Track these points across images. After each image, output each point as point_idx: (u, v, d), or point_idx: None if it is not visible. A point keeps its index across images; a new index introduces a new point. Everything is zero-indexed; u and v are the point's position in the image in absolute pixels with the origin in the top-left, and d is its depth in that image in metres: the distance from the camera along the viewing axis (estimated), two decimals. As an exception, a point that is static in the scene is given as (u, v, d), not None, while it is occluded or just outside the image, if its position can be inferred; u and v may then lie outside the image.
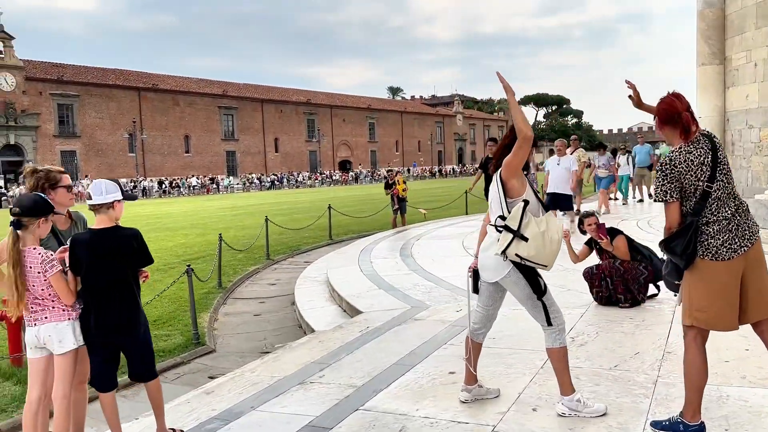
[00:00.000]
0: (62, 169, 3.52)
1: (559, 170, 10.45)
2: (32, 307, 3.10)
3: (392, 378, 4.27)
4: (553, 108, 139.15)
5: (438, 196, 28.08)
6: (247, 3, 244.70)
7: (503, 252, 3.36)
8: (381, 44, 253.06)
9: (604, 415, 3.41)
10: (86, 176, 54.44)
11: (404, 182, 15.45)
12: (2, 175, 50.25)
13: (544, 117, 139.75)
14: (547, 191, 10.47)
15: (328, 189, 57.03)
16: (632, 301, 5.69)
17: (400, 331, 5.49)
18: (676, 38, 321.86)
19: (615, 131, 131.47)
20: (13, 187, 48.75)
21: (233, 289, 9.68)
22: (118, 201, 3.26)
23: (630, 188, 17.68)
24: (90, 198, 3.20)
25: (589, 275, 5.93)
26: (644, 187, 17.22)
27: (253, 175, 66.51)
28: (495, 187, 3.52)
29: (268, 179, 65.24)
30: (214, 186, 59.69)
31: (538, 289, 3.46)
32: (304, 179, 68.34)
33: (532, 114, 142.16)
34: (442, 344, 4.97)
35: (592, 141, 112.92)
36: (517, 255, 3.35)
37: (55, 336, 3.10)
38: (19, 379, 5.41)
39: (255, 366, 4.94)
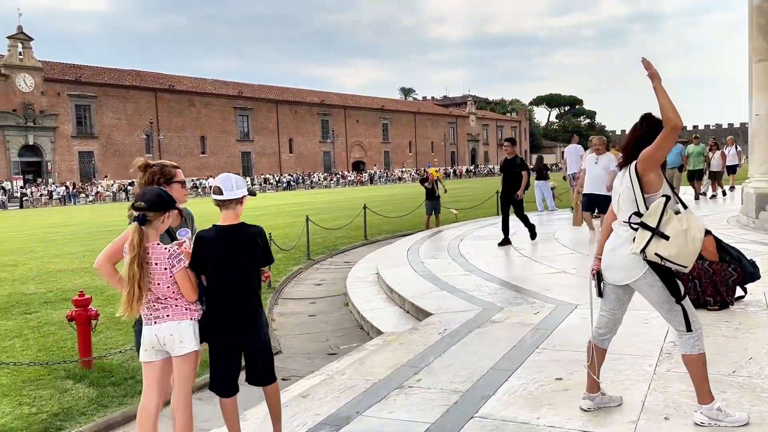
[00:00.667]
0: (176, 164, 3.38)
1: (596, 170, 9.69)
2: (153, 305, 2.95)
3: (496, 384, 4.09)
4: (566, 108, 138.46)
5: (461, 197, 27.86)
6: (257, 4, 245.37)
7: (642, 251, 3.17)
8: (391, 45, 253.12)
9: (747, 424, 3.22)
10: (105, 177, 54.71)
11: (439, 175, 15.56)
12: (21, 176, 50.48)
13: (556, 117, 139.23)
14: (584, 192, 9.87)
15: (344, 190, 56.98)
16: (721, 303, 5.48)
17: (482, 335, 5.31)
18: (687, 38, 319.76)
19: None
20: (32, 187, 49.02)
21: (281, 289, 9.54)
22: (245, 197, 3.12)
23: None
24: (220, 192, 3.05)
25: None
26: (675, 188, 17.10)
27: (270, 176, 66.59)
28: (626, 181, 3.33)
29: (285, 180, 65.27)
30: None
31: (677, 291, 3.26)
32: (319, 180, 68.31)
33: (544, 114, 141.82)
34: (533, 349, 4.79)
35: (607, 141, 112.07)
36: (657, 255, 3.16)
37: (177, 335, 2.94)
38: (92, 381, 5.29)
39: (342, 368, 4.78)
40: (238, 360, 3.16)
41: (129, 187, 52.44)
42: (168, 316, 2.94)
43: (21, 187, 47.90)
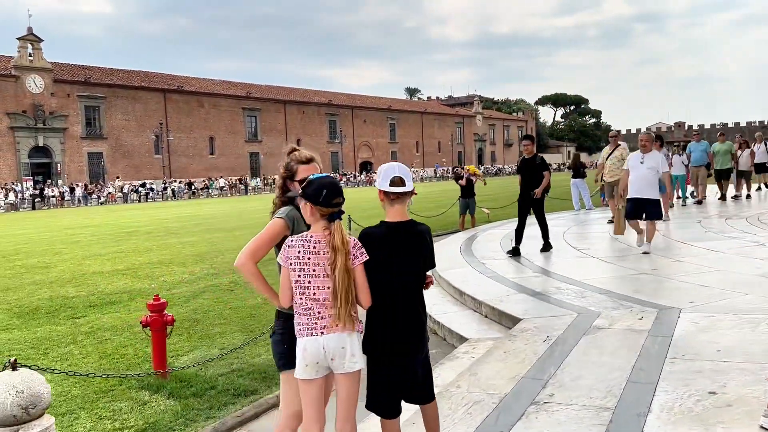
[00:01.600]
0: (311, 157, 2.99)
1: (642, 170, 8.57)
2: (318, 312, 2.55)
3: (644, 399, 3.68)
4: (572, 108, 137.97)
5: (484, 197, 27.41)
6: (260, 5, 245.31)
7: None
8: (396, 45, 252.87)
9: None
10: (117, 177, 54.45)
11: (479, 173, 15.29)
12: (31, 177, 50.18)
13: (562, 117, 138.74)
14: (629, 196, 8.66)
15: (356, 190, 56.58)
16: None
17: (595, 343, 4.90)
18: (693, 38, 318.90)
19: (633, 131, 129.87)
20: (49, 188, 48.68)
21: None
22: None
23: (686, 189, 16.81)
24: (402, 183, 2.67)
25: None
26: (701, 187, 16.30)
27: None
28: None
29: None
30: (242, 187, 59.46)
31: None
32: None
33: (550, 114, 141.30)
34: (662, 359, 4.37)
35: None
36: None
37: (348, 348, 2.54)
38: (171, 392, 4.88)
39: (453, 380, 4.36)
40: (404, 375, 2.76)
41: (140, 189, 52.14)
42: (337, 325, 2.53)
43: (33, 188, 47.57)
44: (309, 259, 2.53)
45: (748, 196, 17.27)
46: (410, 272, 2.69)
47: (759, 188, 18.70)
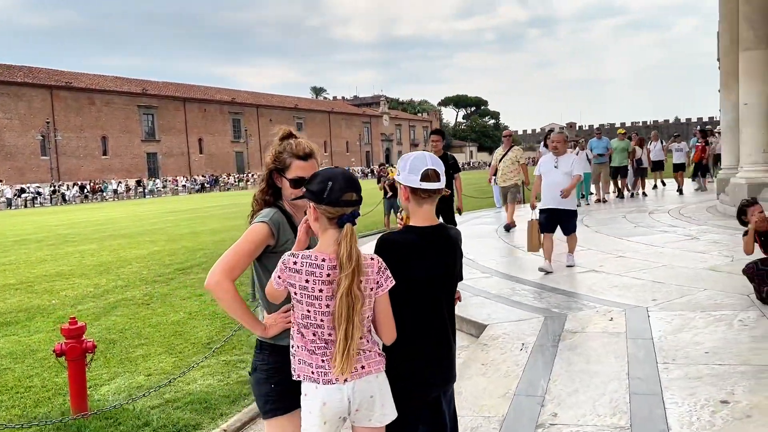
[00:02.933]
0: (309, 151, 2.37)
1: (557, 176, 7.13)
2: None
3: (657, 413, 3.34)
4: (472, 109, 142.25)
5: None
6: (159, 1, 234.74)
7: None
8: (300, 44, 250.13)
9: None
10: (1, 181, 49.79)
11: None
12: None
13: (463, 118, 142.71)
14: (542, 206, 7.30)
15: (262, 191, 54.88)
16: (815, 299, 5.04)
17: (575, 349, 4.55)
18: (581, 42, 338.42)
19: (529, 132, 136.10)
20: None
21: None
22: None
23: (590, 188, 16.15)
24: (436, 178, 2.10)
25: (755, 271, 5.24)
26: (604, 185, 15.96)
27: (183, 178, 63.43)
28: None
29: (198, 182, 62.27)
30: (140, 190, 56.15)
31: None
32: (235, 181, 65.76)
33: (452, 115, 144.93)
34: (653, 365, 4.08)
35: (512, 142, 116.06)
36: None
37: (378, 397, 1.95)
38: (94, 437, 4.05)
39: (438, 403, 3.86)
40: (434, 417, 2.21)
41: (24, 193, 47.96)
42: (363, 367, 1.94)
43: None
44: (321, 291, 1.91)
45: (645, 194, 17.24)
46: (444, 288, 2.15)
47: (655, 186, 19.17)
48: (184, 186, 61.07)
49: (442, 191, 2.16)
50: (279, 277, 1.97)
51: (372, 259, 1.97)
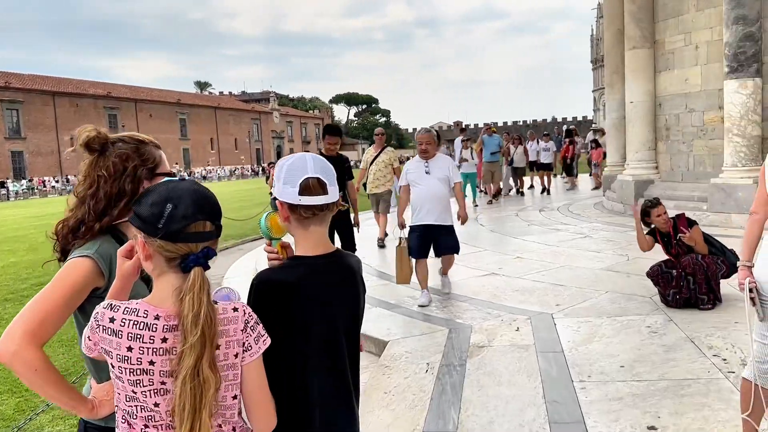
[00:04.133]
0: (155, 140, 1.71)
1: (431, 185, 5.74)
2: None
3: (583, 446, 2.96)
4: (363, 107, 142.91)
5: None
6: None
7: None
8: (182, 37, 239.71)
9: None
10: None
11: None
12: None
13: (355, 115, 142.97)
14: (415, 222, 5.81)
15: (143, 191, 51.67)
16: (714, 301, 4.97)
17: (485, 368, 4.14)
18: (465, 44, 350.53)
19: (412, 129, 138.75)
20: None
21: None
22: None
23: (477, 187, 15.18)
24: (323, 190, 1.51)
25: (660, 274, 5.10)
26: (494, 184, 15.12)
27: (53, 179, 58.43)
28: None
29: (71, 182, 57.55)
30: (3, 192, 51.04)
31: None
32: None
33: (344, 112, 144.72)
34: (568, 384, 3.74)
35: (401, 140, 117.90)
36: None
37: None
38: None
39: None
40: None
41: None
42: None
43: None
44: (152, 364, 1.27)
45: (522, 193, 16.98)
46: (348, 339, 1.58)
47: (531, 186, 18.49)
48: (53, 187, 56.28)
49: (335, 206, 1.58)
50: (89, 339, 1.31)
51: (236, 310, 1.35)
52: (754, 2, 8.17)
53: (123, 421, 1.33)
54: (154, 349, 1.25)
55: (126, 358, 1.25)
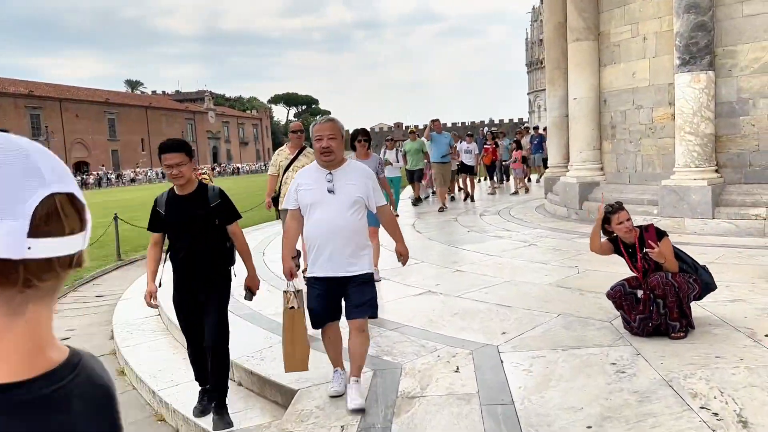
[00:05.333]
0: None
1: (335, 208, 3.62)
2: None
3: None
4: (303, 108, 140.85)
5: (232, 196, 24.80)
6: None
7: None
8: (114, 35, 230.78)
9: None
10: None
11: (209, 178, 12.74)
12: None
13: (294, 116, 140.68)
14: (312, 273, 3.71)
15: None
16: (687, 327, 4.19)
17: (415, 430, 3.19)
18: (406, 46, 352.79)
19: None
20: None
21: None
22: None
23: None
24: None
25: (623, 296, 4.29)
26: (443, 188, 13.23)
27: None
28: None
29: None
30: None
31: None
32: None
33: (283, 113, 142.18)
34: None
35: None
36: None
37: None
38: None
39: None
40: None
41: None
42: None
43: None
44: None
45: (453, 197, 15.48)
46: None
47: (460, 188, 16.46)
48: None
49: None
50: None
51: None
52: (706, -11, 7.59)
53: None
54: None
55: None
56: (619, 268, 4.78)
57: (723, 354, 3.83)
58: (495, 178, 17.93)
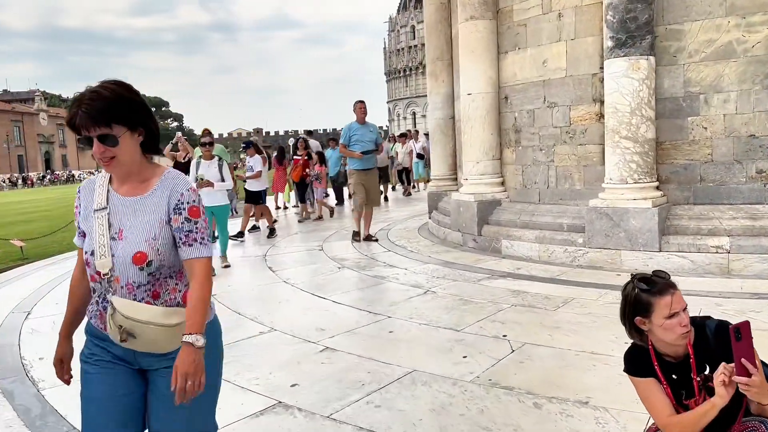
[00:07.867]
0: None
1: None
2: None
3: None
4: (153, 110, 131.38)
5: (35, 217, 20.43)
6: None
7: None
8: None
9: None
10: None
11: None
12: None
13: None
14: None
15: None
16: None
17: None
18: (263, 51, 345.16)
19: (216, 136, 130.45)
20: None
21: None
22: None
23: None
24: None
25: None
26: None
27: None
28: None
29: None
30: None
31: None
32: None
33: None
34: None
35: (196, 145, 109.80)
36: None
37: None
38: None
39: None
40: None
41: None
42: None
43: None
44: None
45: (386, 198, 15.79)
46: None
47: (386, 196, 15.68)
48: None
49: None
50: None
51: None
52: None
53: None
54: None
55: None
56: (579, 339, 2.52)
57: None
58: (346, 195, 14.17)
